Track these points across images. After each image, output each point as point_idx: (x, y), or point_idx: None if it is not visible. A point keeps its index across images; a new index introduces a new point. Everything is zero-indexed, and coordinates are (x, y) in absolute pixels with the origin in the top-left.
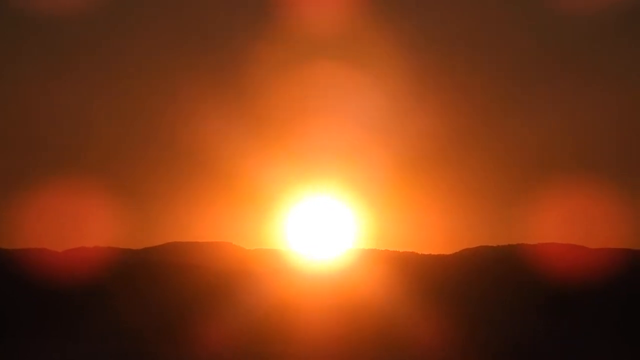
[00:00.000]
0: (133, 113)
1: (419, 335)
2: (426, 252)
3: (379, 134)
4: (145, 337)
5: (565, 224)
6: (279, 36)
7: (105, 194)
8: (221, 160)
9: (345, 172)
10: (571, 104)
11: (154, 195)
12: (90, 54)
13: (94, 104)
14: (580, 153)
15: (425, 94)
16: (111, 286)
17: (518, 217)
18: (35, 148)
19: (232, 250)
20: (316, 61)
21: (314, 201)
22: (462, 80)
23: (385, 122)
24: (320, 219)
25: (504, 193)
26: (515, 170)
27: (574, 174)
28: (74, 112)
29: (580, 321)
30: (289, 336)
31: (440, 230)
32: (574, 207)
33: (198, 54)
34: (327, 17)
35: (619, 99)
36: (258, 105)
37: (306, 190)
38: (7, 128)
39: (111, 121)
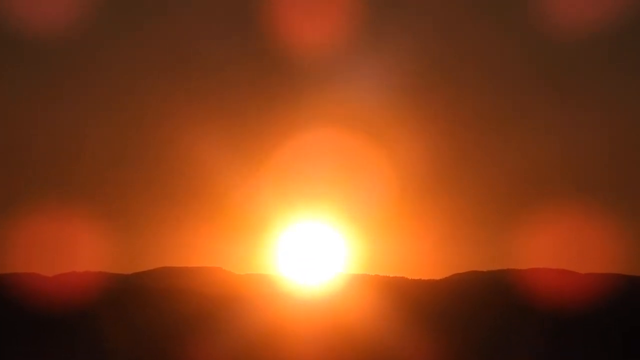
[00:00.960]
0: (123, 138)
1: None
2: (416, 277)
3: (369, 160)
4: None
5: (556, 249)
6: (271, 58)
7: (95, 218)
8: (212, 185)
9: (336, 197)
10: (561, 128)
11: (144, 220)
12: (78, 77)
13: (83, 127)
14: (571, 177)
15: (415, 121)
16: (101, 311)
17: (508, 242)
18: (24, 172)
19: (223, 275)
20: (309, 84)
21: (304, 226)
22: (452, 105)
23: (375, 149)
24: (310, 244)
25: (494, 218)
26: (506, 194)
27: (564, 199)
28: (63, 135)
29: (571, 345)
30: None
31: (430, 255)
32: (564, 232)
33: (188, 78)
34: (320, 34)
35: (609, 123)
36: (248, 130)
37: (297, 215)
38: None
39: (101, 145)
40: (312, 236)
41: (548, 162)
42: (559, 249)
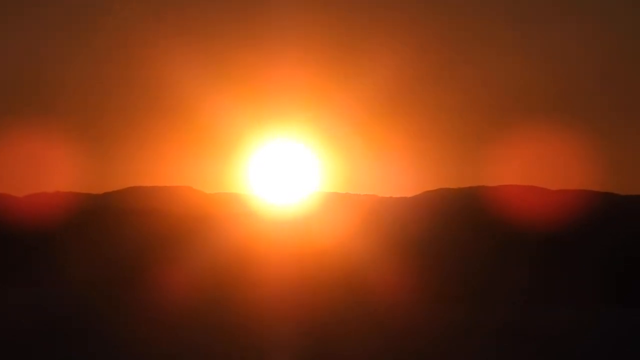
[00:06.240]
0: (92, 56)
1: (381, 277)
2: (387, 195)
3: (341, 76)
4: (106, 282)
5: (526, 166)
6: None
7: (65, 138)
8: (181, 103)
9: (307, 115)
10: (536, 46)
11: (113, 140)
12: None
13: (55, 48)
14: (543, 94)
15: (388, 35)
16: (72, 231)
17: (478, 160)
18: None
19: (192, 195)
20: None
21: (275, 144)
22: (427, 21)
23: (348, 65)
24: (281, 162)
25: (465, 135)
26: (476, 112)
27: (535, 116)
28: (35, 56)
29: (541, 262)
30: (251, 281)
31: (401, 173)
32: (534, 150)
33: None
34: None
35: (585, 41)
36: (219, 45)
37: (268, 133)
38: None
39: (71, 65)
40: (283, 154)
41: (519, 79)
42: (530, 166)
